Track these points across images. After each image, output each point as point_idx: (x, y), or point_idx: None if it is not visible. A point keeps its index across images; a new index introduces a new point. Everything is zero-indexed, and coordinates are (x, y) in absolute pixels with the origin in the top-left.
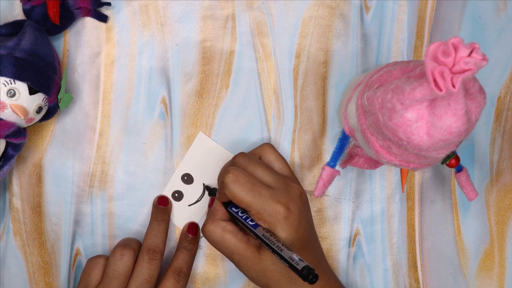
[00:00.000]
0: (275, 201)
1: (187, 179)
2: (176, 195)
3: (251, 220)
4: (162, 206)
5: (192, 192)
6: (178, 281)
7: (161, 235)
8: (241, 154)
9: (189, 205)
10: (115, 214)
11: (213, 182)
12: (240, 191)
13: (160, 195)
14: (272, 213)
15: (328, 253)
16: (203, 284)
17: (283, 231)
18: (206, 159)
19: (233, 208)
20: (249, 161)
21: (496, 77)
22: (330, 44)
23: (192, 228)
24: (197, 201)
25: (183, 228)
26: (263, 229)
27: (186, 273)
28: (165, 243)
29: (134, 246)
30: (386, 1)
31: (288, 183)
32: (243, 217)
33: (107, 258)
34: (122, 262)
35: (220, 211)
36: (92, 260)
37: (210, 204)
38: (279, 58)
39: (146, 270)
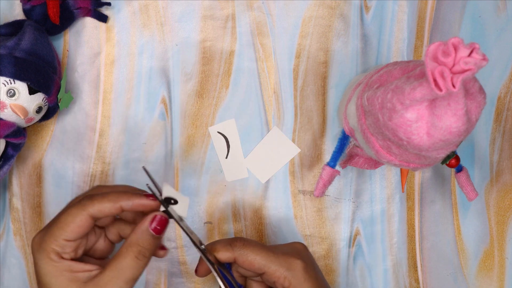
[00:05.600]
0: (288, 255)
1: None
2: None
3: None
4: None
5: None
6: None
7: None
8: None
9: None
10: None
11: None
12: (252, 251)
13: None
14: (290, 267)
15: (328, 253)
16: (203, 284)
17: (306, 282)
18: None
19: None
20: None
21: (496, 77)
22: (330, 44)
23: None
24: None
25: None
26: None
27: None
28: None
29: None
30: (386, 1)
31: (287, 243)
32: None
33: None
34: None
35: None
36: None
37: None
38: (279, 58)
39: None
